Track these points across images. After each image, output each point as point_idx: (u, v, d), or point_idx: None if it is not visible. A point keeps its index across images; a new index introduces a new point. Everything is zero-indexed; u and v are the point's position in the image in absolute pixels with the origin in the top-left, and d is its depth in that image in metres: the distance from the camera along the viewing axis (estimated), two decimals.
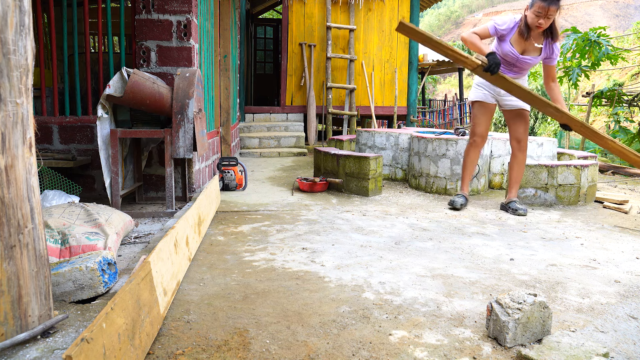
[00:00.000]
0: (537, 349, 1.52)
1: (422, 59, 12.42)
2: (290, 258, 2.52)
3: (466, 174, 3.97)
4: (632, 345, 1.64)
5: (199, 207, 2.82)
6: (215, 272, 2.28)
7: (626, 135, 8.28)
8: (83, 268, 1.82)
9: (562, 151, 5.18)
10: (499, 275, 2.31)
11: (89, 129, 3.73)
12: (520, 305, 1.60)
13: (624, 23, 39.58)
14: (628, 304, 1.99)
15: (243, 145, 8.06)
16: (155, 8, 3.64)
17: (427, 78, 16.75)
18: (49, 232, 2.24)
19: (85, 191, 3.75)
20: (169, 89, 3.31)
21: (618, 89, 8.72)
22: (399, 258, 2.55)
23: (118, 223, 2.64)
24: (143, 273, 1.56)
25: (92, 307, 1.78)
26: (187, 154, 3.25)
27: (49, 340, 1.51)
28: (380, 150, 5.38)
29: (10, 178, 1.42)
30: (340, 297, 2.00)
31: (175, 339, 1.60)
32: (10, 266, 1.43)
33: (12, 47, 1.41)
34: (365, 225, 3.26)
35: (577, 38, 7.69)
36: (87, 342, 1.13)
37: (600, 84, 18.35)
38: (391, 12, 9.29)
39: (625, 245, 2.90)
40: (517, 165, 3.83)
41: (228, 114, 6.21)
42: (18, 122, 1.44)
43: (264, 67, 12.73)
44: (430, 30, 43.14)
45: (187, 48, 3.71)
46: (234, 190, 4.49)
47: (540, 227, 3.33)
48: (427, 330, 1.71)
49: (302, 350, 1.55)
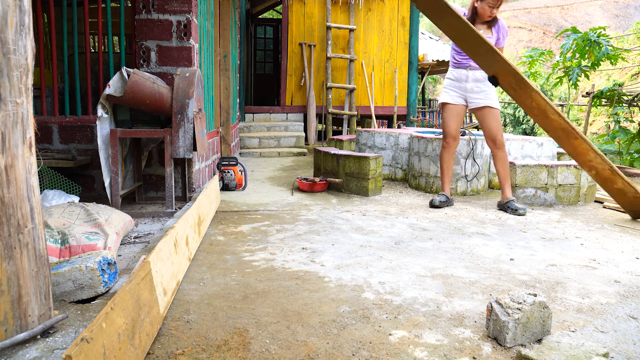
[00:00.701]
0: (537, 349, 1.52)
1: (422, 59, 12.41)
2: (290, 258, 2.52)
3: (445, 176, 4.00)
4: (632, 345, 1.64)
5: (199, 207, 2.82)
6: (215, 272, 2.28)
7: (626, 135, 8.28)
8: (83, 268, 1.82)
9: (562, 151, 5.17)
10: (499, 275, 2.31)
11: (88, 128, 3.73)
12: (520, 305, 1.60)
13: (624, 23, 39.60)
14: (628, 304, 1.99)
15: (243, 145, 8.06)
16: (155, 8, 3.64)
17: (427, 78, 16.75)
18: (49, 232, 2.24)
19: (85, 191, 3.75)
20: (169, 89, 3.31)
21: (618, 89, 8.72)
22: (399, 258, 2.55)
23: (118, 223, 2.64)
24: (143, 273, 1.56)
25: (92, 307, 1.78)
26: (187, 153, 3.25)
27: (49, 340, 1.50)
28: (380, 150, 5.38)
29: (10, 178, 1.42)
30: (340, 297, 1.99)
31: (175, 339, 1.60)
32: (10, 266, 1.43)
33: (12, 47, 1.41)
34: (365, 225, 3.26)
35: (577, 38, 7.69)
36: (87, 341, 1.12)
37: (600, 84, 18.36)
38: (391, 12, 9.29)
39: (625, 245, 2.90)
40: (500, 164, 3.84)
41: (228, 113, 6.21)
42: (18, 122, 1.44)
43: (264, 67, 12.73)
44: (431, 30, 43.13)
45: (187, 48, 3.71)
46: (233, 190, 4.49)
47: (540, 227, 3.33)
48: (427, 330, 1.71)
49: (302, 350, 1.55)
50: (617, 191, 3.42)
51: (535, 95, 3.12)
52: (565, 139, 3.24)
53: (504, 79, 3.27)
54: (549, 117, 3.17)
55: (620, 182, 3.30)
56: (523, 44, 39.90)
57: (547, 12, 45.13)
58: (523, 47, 37.92)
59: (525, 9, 46.10)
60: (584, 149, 3.22)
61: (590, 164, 3.30)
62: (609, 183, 3.36)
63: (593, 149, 3.19)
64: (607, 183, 3.37)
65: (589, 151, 3.21)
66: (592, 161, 3.27)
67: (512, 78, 3.18)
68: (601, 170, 3.30)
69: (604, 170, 3.29)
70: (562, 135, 3.24)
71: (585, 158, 3.28)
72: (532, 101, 3.17)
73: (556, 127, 3.20)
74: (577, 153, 3.29)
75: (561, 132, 3.21)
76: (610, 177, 3.31)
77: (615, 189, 3.40)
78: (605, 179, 3.35)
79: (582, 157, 3.30)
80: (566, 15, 43.75)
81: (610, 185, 3.38)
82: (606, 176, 3.32)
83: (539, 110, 3.18)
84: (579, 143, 3.20)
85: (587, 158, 3.27)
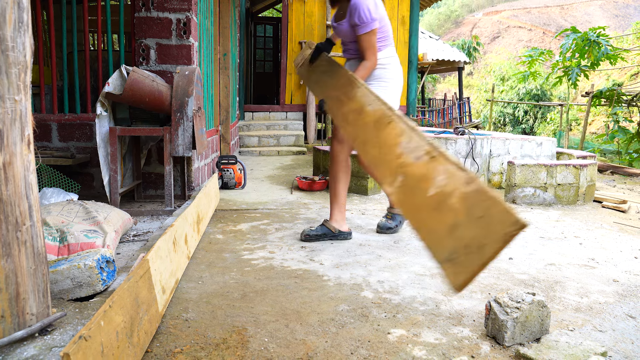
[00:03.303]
0: (535, 348, 1.52)
1: (422, 58, 12.41)
2: (289, 256, 2.52)
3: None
4: (630, 344, 1.64)
5: (198, 205, 2.82)
6: (214, 271, 2.27)
7: (625, 135, 8.28)
8: (81, 266, 1.82)
9: (561, 151, 5.18)
10: (498, 274, 2.31)
11: (88, 126, 3.72)
12: (518, 304, 1.60)
13: (624, 23, 39.61)
14: (626, 303, 1.99)
15: (242, 143, 8.06)
16: (154, 6, 3.64)
17: (426, 77, 16.75)
18: (48, 230, 2.24)
19: (84, 189, 3.75)
20: (168, 87, 3.30)
21: (617, 88, 8.73)
22: (398, 257, 2.55)
23: (117, 221, 2.64)
24: (142, 271, 1.56)
25: (90, 305, 1.78)
26: (186, 152, 3.24)
27: (47, 338, 1.50)
28: None
29: (8, 175, 1.42)
30: (339, 296, 1.99)
31: (173, 337, 1.60)
32: (8, 263, 1.43)
33: (11, 44, 1.41)
34: (364, 223, 3.26)
35: (576, 38, 7.69)
36: (85, 339, 1.12)
37: (599, 84, 18.37)
38: (391, 11, 9.28)
39: (624, 245, 2.90)
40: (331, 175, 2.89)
41: (227, 112, 6.20)
42: (16, 119, 1.44)
43: (264, 66, 12.71)
44: (430, 29, 43.14)
45: (187, 46, 3.70)
46: (233, 189, 4.49)
47: (539, 226, 3.33)
48: (425, 329, 1.71)
49: (301, 348, 1.55)
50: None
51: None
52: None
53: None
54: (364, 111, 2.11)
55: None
56: (523, 44, 39.89)
57: (547, 12, 45.12)
58: (523, 46, 37.91)
59: (525, 8, 46.09)
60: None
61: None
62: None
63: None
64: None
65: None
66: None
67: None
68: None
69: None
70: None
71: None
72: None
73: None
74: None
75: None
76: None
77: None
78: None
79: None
80: (566, 15, 43.76)
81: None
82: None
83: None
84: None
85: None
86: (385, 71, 2.80)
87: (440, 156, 1.54)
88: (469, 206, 1.35)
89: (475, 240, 1.29)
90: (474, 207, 1.33)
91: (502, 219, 1.24)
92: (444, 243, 1.38)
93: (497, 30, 43.78)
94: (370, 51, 2.66)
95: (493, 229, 1.26)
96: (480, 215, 1.30)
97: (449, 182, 1.45)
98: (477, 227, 1.30)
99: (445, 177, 1.47)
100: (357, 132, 2.12)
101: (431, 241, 1.44)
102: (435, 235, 1.43)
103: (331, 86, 2.58)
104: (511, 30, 43.38)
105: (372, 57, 2.66)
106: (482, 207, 1.31)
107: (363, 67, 2.66)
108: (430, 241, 1.45)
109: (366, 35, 2.63)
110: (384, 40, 2.77)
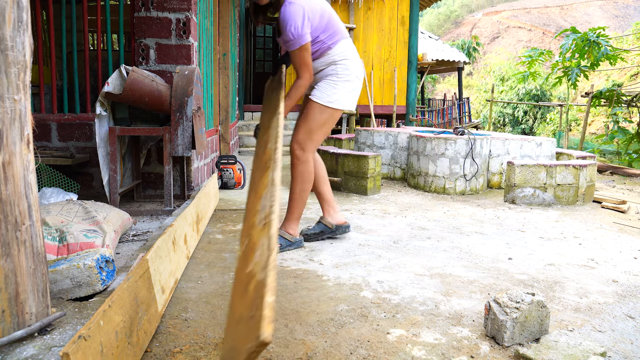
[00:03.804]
0: (534, 348, 1.52)
1: (422, 59, 12.41)
2: (289, 256, 2.52)
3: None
4: (630, 344, 1.64)
5: (198, 205, 2.82)
6: (214, 270, 2.27)
7: (625, 135, 8.29)
8: (81, 265, 1.82)
9: (560, 151, 5.18)
10: (497, 275, 2.31)
11: (87, 126, 3.72)
12: (518, 304, 1.60)
13: (623, 23, 39.63)
14: (626, 304, 1.99)
15: (242, 143, 8.05)
16: (154, 5, 3.64)
17: (426, 77, 16.75)
18: (47, 230, 2.23)
19: (84, 189, 3.75)
20: (168, 87, 3.30)
21: (617, 89, 8.73)
22: (397, 257, 2.55)
23: (116, 221, 2.64)
24: (141, 271, 1.56)
25: (90, 304, 1.77)
26: (185, 152, 3.24)
27: (46, 338, 1.50)
28: (379, 149, 5.38)
29: (7, 175, 1.42)
30: (339, 296, 1.99)
31: (173, 337, 1.60)
32: (8, 263, 1.43)
33: (10, 44, 1.40)
34: (363, 224, 3.26)
35: (576, 38, 7.69)
36: (84, 339, 1.12)
37: (599, 84, 18.38)
38: (391, 11, 9.29)
39: (624, 245, 2.90)
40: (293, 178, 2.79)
41: (227, 112, 6.20)
42: (16, 119, 1.44)
43: (264, 66, 12.71)
44: (430, 29, 43.14)
45: (186, 46, 3.70)
46: (232, 189, 4.49)
47: (539, 226, 3.34)
48: (425, 329, 1.71)
49: (300, 348, 1.55)
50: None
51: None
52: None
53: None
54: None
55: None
56: (522, 44, 39.92)
57: (546, 12, 45.17)
58: (522, 47, 37.93)
59: (525, 9, 46.13)
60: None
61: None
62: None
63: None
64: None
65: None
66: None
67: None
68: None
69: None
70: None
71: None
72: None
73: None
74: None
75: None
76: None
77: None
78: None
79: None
80: (566, 15, 43.80)
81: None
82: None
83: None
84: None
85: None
86: (338, 67, 2.63)
87: (267, 225, 1.17)
88: (252, 300, 0.98)
89: (235, 346, 0.97)
90: (253, 302, 0.97)
91: (253, 329, 0.88)
92: (226, 339, 1.11)
93: (496, 31, 43.82)
94: (303, 68, 2.49)
95: (246, 339, 0.90)
96: (251, 316, 0.94)
97: (261, 259, 1.07)
98: (244, 329, 0.96)
99: (260, 254, 1.10)
100: (253, 169, 1.91)
101: (226, 330, 1.14)
102: (229, 323, 1.13)
103: (266, 109, 2.47)
104: (511, 30, 43.41)
105: (304, 74, 2.50)
106: (255, 305, 0.94)
107: (295, 86, 2.51)
108: (226, 329, 1.13)
109: (297, 52, 2.46)
110: (333, 36, 2.58)
